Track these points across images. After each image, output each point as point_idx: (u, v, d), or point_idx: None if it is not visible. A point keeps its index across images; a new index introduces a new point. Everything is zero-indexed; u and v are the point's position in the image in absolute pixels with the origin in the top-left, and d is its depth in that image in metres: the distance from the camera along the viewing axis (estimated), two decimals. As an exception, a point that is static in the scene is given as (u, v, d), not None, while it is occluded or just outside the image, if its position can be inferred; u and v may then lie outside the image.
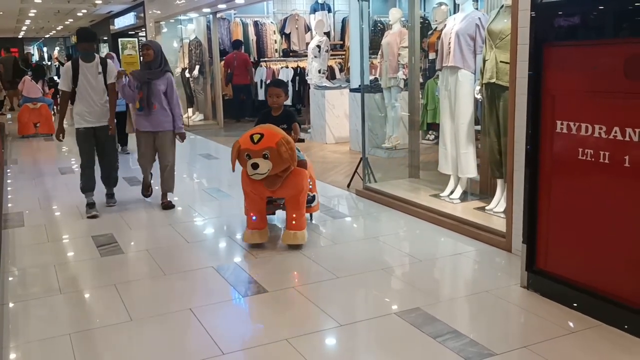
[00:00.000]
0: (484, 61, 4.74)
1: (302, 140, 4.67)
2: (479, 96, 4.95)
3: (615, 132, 2.93)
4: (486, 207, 4.92)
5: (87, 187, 5.53)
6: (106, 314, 3.38)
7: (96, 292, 3.75)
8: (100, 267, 4.20)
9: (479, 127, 5.34)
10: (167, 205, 5.62)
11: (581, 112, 3.13)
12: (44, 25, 24.98)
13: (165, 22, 13.93)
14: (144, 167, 5.80)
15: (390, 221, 5.18)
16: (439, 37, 5.55)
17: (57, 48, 33.90)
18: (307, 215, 4.87)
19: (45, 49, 37.14)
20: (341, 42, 12.04)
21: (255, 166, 4.02)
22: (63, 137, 5.48)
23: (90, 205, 5.51)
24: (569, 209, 3.26)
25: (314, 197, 4.86)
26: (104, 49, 20.60)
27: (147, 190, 5.99)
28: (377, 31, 9.99)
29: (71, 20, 20.60)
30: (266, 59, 12.02)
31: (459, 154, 5.20)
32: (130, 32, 17.92)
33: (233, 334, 3.15)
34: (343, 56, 11.54)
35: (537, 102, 3.35)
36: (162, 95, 5.46)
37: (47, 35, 31.88)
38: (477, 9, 5.83)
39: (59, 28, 25.84)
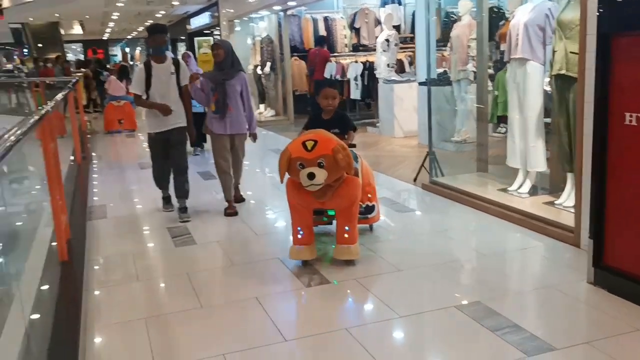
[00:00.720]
0: (554, 52, 4.62)
1: (354, 145, 4.36)
2: (548, 88, 4.84)
3: (687, 124, 2.82)
4: (555, 202, 4.81)
5: (161, 185, 5.60)
6: (178, 301, 3.59)
7: (170, 280, 3.99)
8: (174, 257, 4.44)
9: (548, 120, 5.22)
10: (238, 199, 5.76)
11: (651, 103, 3.03)
12: (126, 27, 26.23)
13: (238, 20, 14.31)
14: (225, 177, 5.42)
15: (455, 215, 5.16)
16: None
17: (139, 49, 35.43)
18: (367, 226, 4.65)
19: (127, 49, 38.94)
20: (412, 35, 11.93)
21: (311, 176, 3.64)
22: (170, 111, 5.14)
23: (166, 199, 5.70)
24: (638, 203, 3.17)
25: (373, 207, 4.51)
26: (182, 49, 21.40)
27: (232, 208, 5.45)
28: (449, 23, 9.87)
29: (151, 21, 21.47)
30: (336, 54, 12.12)
31: (528, 147, 5.10)
32: (205, 32, 18.53)
33: (295, 321, 3.30)
34: (413, 50, 11.45)
35: (604, 94, 3.27)
36: (237, 96, 5.28)
37: (129, 37, 33.41)
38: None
39: (140, 29, 27.02)
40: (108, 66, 20.35)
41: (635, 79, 3.11)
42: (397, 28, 11.11)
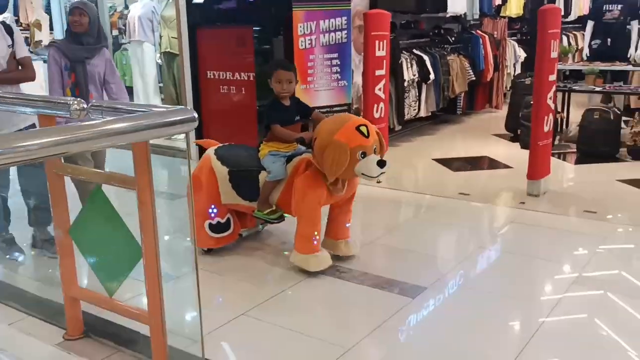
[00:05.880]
0: (160, 37, 6.96)
1: None
2: (159, 61, 7.17)
3: (235, 76, 5.48)
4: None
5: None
6: None
7: None
8: None
9: (162, 84, 7.57)
10: None
11: (218, 65, 5.60)
12: None
13: None
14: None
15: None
16: (119, 17, 7.52)
17: None
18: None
19: None
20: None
21: (382, 164, 3.17)
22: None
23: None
24: (218, 118, 5.74)
25: None
26: None
27: None
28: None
29: None
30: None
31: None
32: None
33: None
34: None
35: (195, 61, 5.73)
36: (99, 79, 3.93)
37: None
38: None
39: None
40: None
41: (209, 52, 5.64)
42: None
